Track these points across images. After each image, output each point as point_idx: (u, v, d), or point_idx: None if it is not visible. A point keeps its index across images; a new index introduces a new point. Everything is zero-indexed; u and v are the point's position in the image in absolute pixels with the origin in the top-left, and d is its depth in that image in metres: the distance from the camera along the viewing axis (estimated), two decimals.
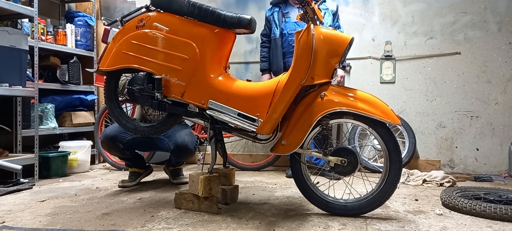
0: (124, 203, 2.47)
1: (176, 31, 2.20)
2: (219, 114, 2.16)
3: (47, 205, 2.42)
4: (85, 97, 3.97)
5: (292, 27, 3.33)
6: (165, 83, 2.19)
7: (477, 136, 3.68)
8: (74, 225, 2.00)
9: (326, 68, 2.06)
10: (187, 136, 2.91)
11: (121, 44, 2.24)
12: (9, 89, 2.87)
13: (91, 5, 4.17)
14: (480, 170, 3.68)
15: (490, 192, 2.45)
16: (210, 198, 2.21)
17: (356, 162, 2.10)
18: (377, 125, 2.07)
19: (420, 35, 3.79)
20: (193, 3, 2.20)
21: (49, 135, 3.52)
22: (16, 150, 3.18)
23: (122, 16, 2.33)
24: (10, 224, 2.02)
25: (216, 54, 2.24)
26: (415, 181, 3.15)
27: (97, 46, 4.11)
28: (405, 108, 3.83)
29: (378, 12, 3.88)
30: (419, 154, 3.80)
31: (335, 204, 2.17)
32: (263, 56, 3.51)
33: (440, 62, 3.75)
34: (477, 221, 2.09)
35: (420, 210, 2.31)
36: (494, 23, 3.63)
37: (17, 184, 2.89)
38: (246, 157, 4.07)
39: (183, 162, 3.17)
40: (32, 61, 3.30)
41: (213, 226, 1.97)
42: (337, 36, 2.09)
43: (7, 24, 3.27)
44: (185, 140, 2.88)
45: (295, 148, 2.09)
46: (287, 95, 2.04)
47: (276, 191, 2.83)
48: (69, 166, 3.55)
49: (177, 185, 3.04)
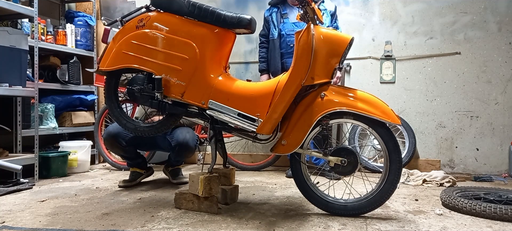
0: (124, 203, 2.47)
1: (176, 31, 2.20)
2: (219, 114, 2.16)
3: (47, 205, 2.42)
4: (85, 97, 3.97)
5: (290, 28, 3.33)
6: (165, 83, 2.19)
7: (477, 136, 3.68)
8: (74, 225, 2.00)
9: (326, 68, 2.06)
10: (188, 134, 2.92)
11: (121, 44, 2.24)
12: (9, 89, 2.87)
13: (91, 5, 4.17)
14: (480, 170, 3.68)
15: (490, 192, 2.45)
16: (210, 198, 2.21)
17: (356, 162, 2.10)
18: (377, 125, 2.07)
19: (420, 35, 3.79)
20: (193, 3, 2.20)
21: (49, 135, 3.52)
22: (16, 150, 3.18)
23: (122, 16, 2.33)
24: (10, 224, 2.02)
25: (216, 54, 2.24)
26: (415, 181, 3.15)
27: (97, 46, 4.11)
28: (405, 108, 3.83)
29: (378, 12, 3.88)
30: (419, 154, 3.80)
31: (335, 204, 2.17)
32: (261, 57, 3.51)
33: (440, 62, 3.75)
34: (477, 221, 2.09)
35: (420, 210, 2.31)
36: (494, 23, 3.63)
37: (17, 184, 2.89)
38: (246, 157, 4.07)
39: (183, 161, 3.17)
40: (32, 61, 3.30)
41: (213, 226, 1.97)
42: (337, 36, 2.09)
43: (7, 24, 3.27)
44: (186, 137, 2.88)
45: (295, 148, 2.09)
46: (287, 95, 2.04)
47: (276, 191, 2.83)
48: (69, 166, 3.54)
49: (177, 185, 3.04)
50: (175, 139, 2.90)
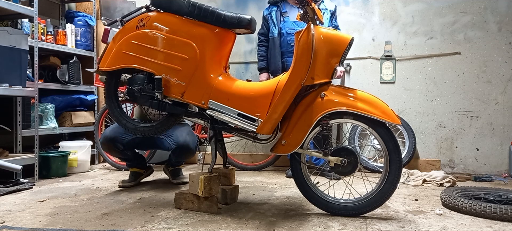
0: (124, 203, 2.47)
1: (176, 31, 2.20)
2: (219, 114, 2.16)
3: (47, 205, 2.42)
4: (85, 97, 3.97)
5: (290, 26, 3.33)
6: (165, 83, 2.19)
7: (477, 136, 3.68)
8: (74, 225, 2.00)
9: (326, 68, 2.06)
10: (188, 135, 2.91)
11: (121, 44, 2.24)
12: (9, 89, 2.87)
13: (91, 5, 4.17)
14: (480, 170, 3.67)
15: (490, 192, 2.45)
16: (210, 198, 2.21)
17: (356, 162, 2.10)
18: (377, 125, 2.07)
19: (420, 35, 3.79)
20: (193, 3, 2.20)
21: (49, 135, 3.53)
22: (16, 150, 3.18)
23: (122, 16, 2.33)
24: (10, 224, 2.02)
25: (216, 54, 2.24)
26: (415, 181, 3.15)
27: (97, 46, 4.11)
28: (405, 108, 3.83)
29: (378, 12, 3.88)
30: (419, 154, 3.80)
31: (335, 204, 2.17)
32: (260, 55, 3.50)
33: (440, 62, 3.75)
34: (477, 221, 2.09)
35: (420, 210, 2.31)
36: (494, 23, 3.63)
37: (17, 184, 2.89)
38: (246, 157, 4.06)
39: (183, 162, 3.17)
40: (32, 61, 3.30)
41: (213, 226, 1.97)
42: (337, 36, 2.09)
43: (7, 24, 3.27)
44: (187, 139, 2.88)
45: (295, 148, 2.09)
46: (287, 95, 2.04)
47: (276, 191, 2.83)
48: (69, 166, 3.54)
49: (177, 185, 3.04)
50: (175, 141, 2.89)
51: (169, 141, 2.92)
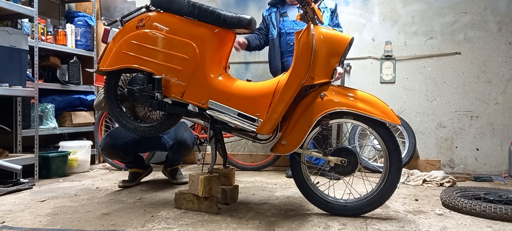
0: (124, 203, 2.47)
1: (176, 31, 2.20)
2: (219, 114, 2.16)
3: (47, 205, 2.42)
4: (85, 97, 3.97)
5: (290, 26, 3.32)
6: (165, 83, 2.19)
7: (477, 136, 3.68)
8: (74, 225, 2.00)
9: (326, 68, 2.06)
10: (185, 132, 2.92)
11: (121, 44, 2.24)
12: (9, 89, 2.87)
13: (91, 5, 4.17)
14: (480, 170, 3.67)
15: (490, 192, 2.45)
16: (210, 198, 2.21)
17: (356, 162, 2.09)
18: (377, 125, 2.07)
19: (420, 35, 3.79)
20: (193, 3, 2.20)
21: (49, 135, 3.53)
22: (16, 150, 3.18)
23: (122, 16, 2.33)
24: (10, 224, 2.02)
25: (216, 54, 2.24)
26: (415, 181, 3.15)
27: (97, 46, 4.11)
28: (405, 108, 3.83)
29: (378, 12, 3.88)
30: (419, 154, 3.79)
31: (335, 204, 2.17)
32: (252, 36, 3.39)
33: (440, 62, 3.75)
34: (477, 221, 2.09)
35: (420, 210, 2.31)
36: (494, 23, 3.63)
37: (17, 184, 2.89)
38: (246, 157, 4.06)
39: (181, 160, 3.17)
40: (32, 61, 3.30)
41: (213, 226, 1.97)
42: (337, 36, 2.09)
43: (7, 24, 3.27)
44: (184, 135, 2.88)
45: (295, 148, 2.09)
46: (287, 95, 2.04)
47: (276, 191, 2.83)
48: (69, 166, 3.55)
49: (177, 185, 3.04)
50: (172, 138, 2.90)
51: (166, 137, 2.93)
